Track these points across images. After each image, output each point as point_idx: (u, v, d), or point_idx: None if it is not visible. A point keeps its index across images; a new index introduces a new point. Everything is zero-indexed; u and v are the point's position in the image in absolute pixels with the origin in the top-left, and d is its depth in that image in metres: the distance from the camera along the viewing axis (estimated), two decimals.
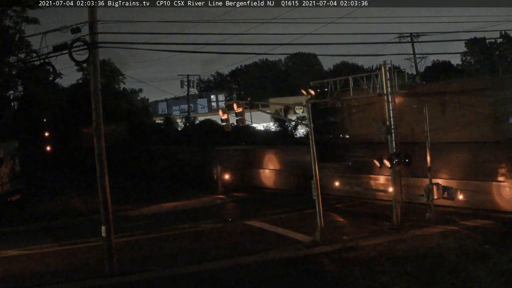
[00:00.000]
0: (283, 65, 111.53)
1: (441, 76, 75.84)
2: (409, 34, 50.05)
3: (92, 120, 17.35)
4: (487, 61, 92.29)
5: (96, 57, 17.05)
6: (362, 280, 15.13)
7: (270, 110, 40.09)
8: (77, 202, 29.69)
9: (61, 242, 22.71)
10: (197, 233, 23.42)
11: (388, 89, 22.40)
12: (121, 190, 33.83)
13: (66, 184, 38.71)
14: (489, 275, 14.72)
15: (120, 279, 16.68)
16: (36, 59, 20.44)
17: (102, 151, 17.31)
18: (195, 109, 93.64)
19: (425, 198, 22.07)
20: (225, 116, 21.11)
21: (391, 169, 21.60)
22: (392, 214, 21.45)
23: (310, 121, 20.53)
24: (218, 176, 34.59)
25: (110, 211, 17.31)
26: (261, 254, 18.59)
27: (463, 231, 19.84)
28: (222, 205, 30.90)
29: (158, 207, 30.65)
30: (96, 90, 17.27)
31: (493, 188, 22.39)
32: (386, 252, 17.77)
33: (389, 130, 22.15)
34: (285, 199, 30.22)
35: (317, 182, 19.94)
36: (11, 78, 43.50)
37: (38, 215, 28.20)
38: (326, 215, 21.09)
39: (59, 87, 63.47)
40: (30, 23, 40.20)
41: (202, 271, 17.05)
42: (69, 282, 16.69)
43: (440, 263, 16.14)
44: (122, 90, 70.67)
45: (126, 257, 18.85)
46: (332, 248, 18.71)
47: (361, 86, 27.41)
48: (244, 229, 23.44)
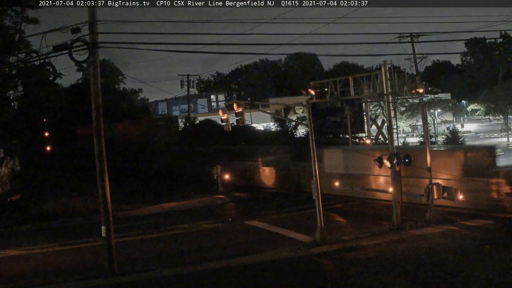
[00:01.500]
0: (283, 65, 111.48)
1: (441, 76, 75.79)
2: (409, 34, 50.12)
3: (92, 120, 17.36)
4: (487, 61, 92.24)
5: (96, 57, 17.05)
6: (362, 280, 15.12)
7: (270, 110, 40.14)
8: (77, 202, 29.67)
9: (61, 242, 22.70)
10: (197, 233, 23.42)
11: (388, 89, 22.40)
12: (121, 190, 33.83)
13: (66, 184, 38.69)
14: (489, 275, 14.72)
15: (120, 279, 16.68)
16: (36, 59, 20.47)
17: (102, 151, 17.31)
18: (195, 109, 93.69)
19: (425, 198, 22.07)
20: (225, 116, 21.07)
21: (391, 169, 21.59)
22: (392, 214, 21.45)
23: (310, 121, 20.52)
24: (218, 176, 34.58)
25: (110, 211, 17.32)
26: (261, 254, 18.59)
27: (463, 231, 19.84)
28: (222, 205, 30.89)
29: (158, 207, 30.64)
30: (96, 90, 17.27)
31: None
32: (386, 252, 17.76)
33: (389, 130, 22.16)
34: (285, 199, 30.23)
35: (317, 182, 19.94)
36: (11, 78, 43.46)
37: (38, 215, 28.19)
38: (326, 215, 21.09)
39: (59, 87, 63.45)
40: (30, 23, 40.22)
41: (202, 271, 17.04)
42: (69, 282, 16.68)
43: (440, 263, 16.14)
44: (122, 90, 70.76)
45: (126, 257, 18.85)
46: (332, 248, 18.70)
47: (361, 86, 27.47)
48: (244, 229, 23.44)
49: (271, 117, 44.37)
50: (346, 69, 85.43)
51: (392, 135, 22.39)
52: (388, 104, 22.39)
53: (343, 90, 28.63)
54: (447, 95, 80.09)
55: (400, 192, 21.87)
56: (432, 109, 59.98)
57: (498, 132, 66.16)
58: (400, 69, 32.06)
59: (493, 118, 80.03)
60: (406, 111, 57.54)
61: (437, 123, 61.33)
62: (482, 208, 22.47)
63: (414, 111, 56.02)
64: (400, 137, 51.43)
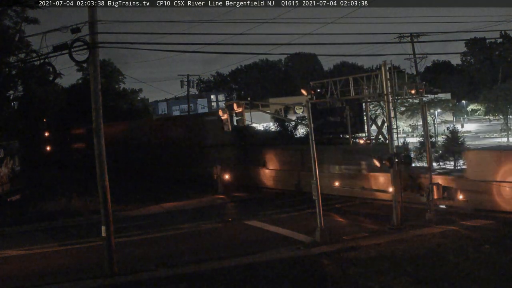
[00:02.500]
0: (283, 65, 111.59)
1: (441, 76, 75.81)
2: (409, 34, 50.16)
3: (92, 120, 17.36)
4: (487, 61, 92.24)
5: (96, 57, 17.04)
6: (362, 280, 15.12)
7: (270, 110, 40.08)
8: (77, 202, 29.69)
9: (61, 242, 22.70)
10: (197, 233, 23.41)
11: (388, 89, 22.39)
12: (121, 190, 33.83)
13: (66, 184, 38.70)
14: (489, 275, 14.73)
15: (120, 279, 16.67)
16: (36, 59, 20.44)
17: (102, 151, 17.30)
18: (195, 109, 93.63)
19: (425, 198, 22.06)
20: (225, 116, 21.09)
21: (391, 169, 21.59)
22: (392, 214, 21.45)
23: (310, 121, 20.52)
24: (218, 176, 34.55)
25: (110, 211, 17.31)
26: (261, 254, 18.59)
27: (463, 231, 19.84)
28: (222, 205, 30.88)
29: (158, 207, 30.63)
30: (96, 90, 17.26)
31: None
32: (386, 252, 17.76)
33: (389, 130, 22.15)
34: (285, 199, 30.23)
35: (317, 182, 19.93)
36: (11, 78, 43.47)
37: (38, 215, 28.19)
38: (326, 215, 21.09)
39: (59, 87, 63.48)
40: (30, 23, 40.21)
41: (202, 271, 17.04)
42: (69, 282, 16.67)
43: (440, 263, 16.14)
44: (122, 90, 70.73)
45: (126, 257, 18.84)
46: (332, 248, 18.70)
47: (361, 86, 27.46)
48: (244, 229, 23.43)
49: (271, 117, 44.35)
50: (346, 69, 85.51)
51: (392, 135, 22.38)
52: (388, 104, 22.37)
53: (343, 90, 28.65)
54: (447, 95, 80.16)
55: (400, 192, 21.86)
56: (432, 109, 60.00)
57: (498, 132, 66.18)
58: (400, 69, 32.08)
59: (493, 118, 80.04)
60: (406, 111, 57.57)
61: (437, 123, 61.35)
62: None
63: (414, 111, 56.05)
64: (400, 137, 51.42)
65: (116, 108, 63.24)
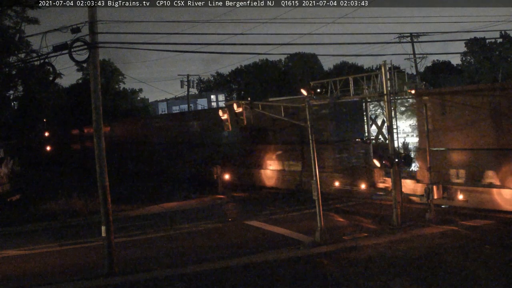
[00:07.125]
0: (283, 65, 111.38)
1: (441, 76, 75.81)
2: (409, 34, 50.17)
3: (92, 120, 17.37)
4: (487, 61, 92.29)
5: (96, 57, 17.05)
6: (362, 280, 15.13)
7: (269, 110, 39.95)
8: (77, 202, 29.67)
9: (61, 242, 22.72)
10: (197, 233, 23.42)
11: (388, 89, 22.40)
12: (121, 190, 33.82)
13: (66, 184, 38.69)
14: (489, 275, 14.73)
15: (120, 279, 16.68)
16: (36, 59, 20.47)
17: (102, 151, 17.31)
18: (195, 109, 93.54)
19: (425, 198, 22.07)
20: (225, 116, 21.09)
21: (391, 169, 21.59)
22: (392, 214, 21.45)
23: (310, 121, 20.51)
24: (218, 176, 34.55)
25: (110, 211, 17.32)
26: (261, 254, 18.59)
27: (463, 231, 19.85)
28: (222, 205, 30.88)
29: (158, 207, 30.63)
30: (96, 90, 17.27)
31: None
32: (386, 252, 17.78)
33: (389, 130, 22.15)
34: (285, 199, 30.23)
35: (317, 182, 19.92)
36: (11, 78, 43.47)
37: (38, 215, 28.21)
38: (326, 215, 21.09)
39: (59, 87, 63.50)
40: (30, 23, 40.22)
41: (202, 271, 17.04)
42: (69, 282, 16.68)
43: (440, 263, 16.15)
44: (122, 90, 70.77)
45: (126, 257, 18.86)
46: (332, 248, 18.70)
47: (361, 86, 27.47)
48: (244, 229, 23.43)
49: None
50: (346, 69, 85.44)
51: (392, 135, 22.39)
52: (388, 104, 22.37)
53: (343, 90, 28.66)
54: None
55: (400, 192, 21.87)
56: None
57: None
58: (400, 69, 32.04)
59: None
60: (406, 111, 57.54)
61: None
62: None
63: (414, 111, 55.98)
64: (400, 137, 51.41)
65: (116, 108, 63.29)
